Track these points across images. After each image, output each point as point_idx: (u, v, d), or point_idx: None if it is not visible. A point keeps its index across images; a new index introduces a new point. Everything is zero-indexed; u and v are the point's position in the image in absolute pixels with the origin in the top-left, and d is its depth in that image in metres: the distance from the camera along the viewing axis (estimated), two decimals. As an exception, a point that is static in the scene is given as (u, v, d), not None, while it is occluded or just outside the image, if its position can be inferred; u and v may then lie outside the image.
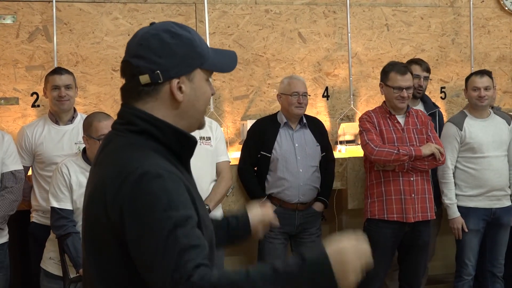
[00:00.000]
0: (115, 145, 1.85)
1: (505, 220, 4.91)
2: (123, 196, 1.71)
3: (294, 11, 5.70)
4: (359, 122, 4.72)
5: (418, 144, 4.53)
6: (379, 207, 4.54)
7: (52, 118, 4.43)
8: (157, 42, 1.82)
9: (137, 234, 1.70)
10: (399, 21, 5.98)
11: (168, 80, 1.81)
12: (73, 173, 3.91)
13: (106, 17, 5.26)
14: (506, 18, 6.27)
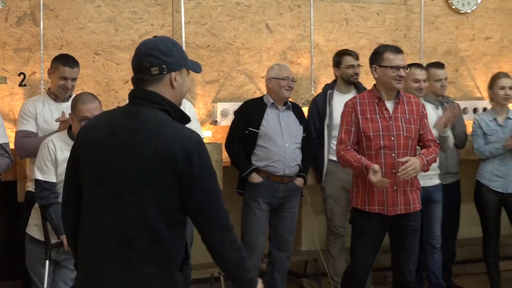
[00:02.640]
0: (154, 118, 2.39)
1: (437, 196, 5.05)
2: (191, 151, 2.30)
3: (262, 4, 5.75)
4: (343, 108, 4.32)
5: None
6: (362, 198, 4.15)
7: (51, 96, 4.53)
8: (164, 47, 2.44)
9: (210, 182, 2.36)
10: (357, 16, 6.06)
11: (169, 72, 2.42)
12: (58, 149, 3.94)
13: (90, 5, 5.26)
14: (453, 16, 6.39)
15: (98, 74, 5.31)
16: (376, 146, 4.09)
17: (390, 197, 4.08)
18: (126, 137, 2.36)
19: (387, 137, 4.09)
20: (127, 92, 5.40)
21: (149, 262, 2.32)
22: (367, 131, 4.11)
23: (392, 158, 4.06)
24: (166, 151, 2.29)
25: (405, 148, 4.11)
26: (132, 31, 5.38)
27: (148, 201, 2.30)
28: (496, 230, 5.30)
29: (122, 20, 5.35)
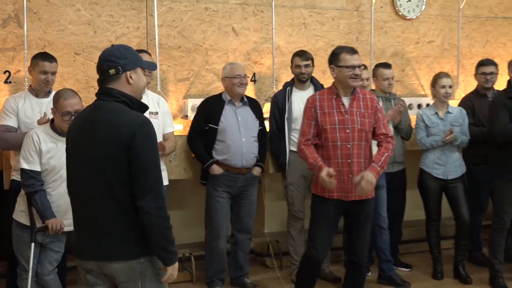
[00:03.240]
0: (110, 108, 2.73)
1: (381, 182, 5.04)
2: (137, 132, 2.63)
3: (229, 9, 5.76)
4: (305, 104, 4.31)
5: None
6: (322, 186, 4.09)
7: (33, 92, 4.44)
8: (118, 52, 2.80)
9: (146, 155, 2.66)
10: (314, 21, 6.10)
11: (124, 72, 2.77)
12: (42, 141, 3.91)
13: (70, 9, 5.21)
14: (400, 21, 6.46)
15: (78, 72, 5.27)
16: (333, 138, 4.10)
17: (347, 184, 4.09)
18: (89, 127, 2.75)
19: (343, 129, 4.09)
20: (105, 89, 5.40)
21: (120, 224, 2.69)
22: (324, 124, 4.11)
23: (348, 149, 4.07)
24: (116, 133, 2.66)
25: (359, 140, 4.11)
26: (109, 33, 5.34)
27: (109, 174, 2.67)
28: (438, 213, 5.37)
29: (100, 23, 5.31)
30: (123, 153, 2.63)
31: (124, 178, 2.65)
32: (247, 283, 5.15)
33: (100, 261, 2.72)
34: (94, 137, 2.70)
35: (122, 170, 2.64)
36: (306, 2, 6.04)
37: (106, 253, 2.70)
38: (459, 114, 5.29)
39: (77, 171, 2.79)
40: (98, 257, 2.72)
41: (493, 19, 6.88)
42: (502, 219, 5.05)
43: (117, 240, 2.68)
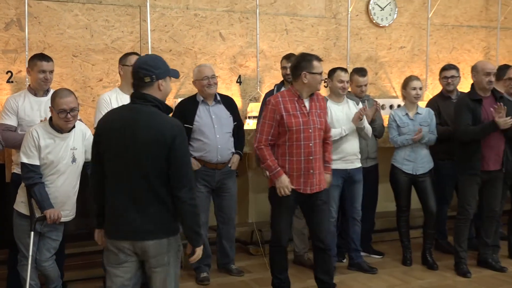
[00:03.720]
0: (148, 112, 2.99)
1: (358, 177, 5.08)
2: (178, 136, 2.95)
3: (216, 16, 5.74)
4: (266, 103, 4.29)
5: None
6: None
7: (32, 92, 4.37)
8: (152, 62, 3.04)
9: (185, 155, 3.01)
10: (295, 27, 6.10)
11: (157, 80, 3.00)
12: (41, 137, 3.88)
13: (69, 14, 5.17)
14: (374, 28, 6.49)
15: (76, 73, 5.24)
16: (298, 138, 4.12)
17: (307, 179, 4.16)
18: (132, 126, 2.97)
19: (307, 130, 4.13)
20: (101, 89, 5.44)
21: (153, 209, 2.97)
22: (291, 126, 4.11)
23: (310, 147, 4.13)
24: (157, 133, 2.93)
25: (319, 138, 4.21)
26: (105, 36, 5.31)
27: (148, 168, 2.94)
28: (407, 205, 5.40)
29: (97, 27, 5.27)
30: (164, 152, 2.92)
31: (160, 172, 2.95)
32: (233, 269, 5.15)
33: (135, 240, 2.98)
34: (138, 136, 2.94)
35: (160, 166, 2.94)
36: (287, 10, 6.05)
37: (141, 233, 2.97)
38: (427, 114, 5.32)
39: (119, 163, 2.99)
40: (134, 237, 2.98)
41: (459, 27, 6.93)
42: (466, 210, 5.10)
43: (152, 222, 2.97)
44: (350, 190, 5.08)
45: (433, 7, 6.68)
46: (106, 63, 5.31)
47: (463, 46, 6.96)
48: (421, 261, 5.41)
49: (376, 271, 5.16)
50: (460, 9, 6.93)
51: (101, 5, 5.28)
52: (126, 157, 2.96)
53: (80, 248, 5.12)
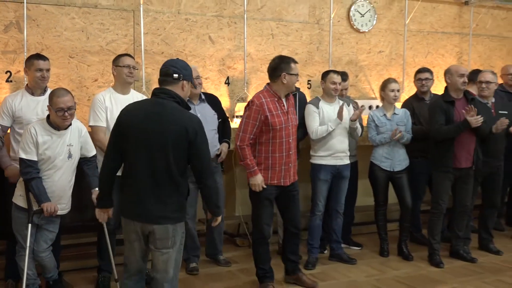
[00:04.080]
0: (172, 106, 3.16)
1: (345, 173, 5.11)
2: (198, 130, 3.15)
3: (206, 20, 5.71)
4: (250, 104, 4.28)
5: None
6: (265, 174, 4.24)
7: (29, 91, 4.32)
8: (182, 63, 3.28)
9: (205, 148, 3.22)
10: (281, 32, 6.09)
11: (183, 80, 3.22)
12: (39, 134, 3.86)
13: (66, 17, 5.11)
14: (354, 34, 6.50)
15: (72, 73, 5.19)
16: (280, 136, 4.23)
17: (287, 172, 4.31)
18: (156, 119, 3.13)
19: (287, 128, 4.27)
20: (96, 89, 5.40)
21: (170, 195, 3.15)
22: (275, 125, 4.20)
23: (290, 143, 4.29)
24: (181, 127, 3.10)
25: (294, 134, 4.38)
26: (100, 39, 5.26)
27: (170, 157, 3.10)
28: (385, 200, 5.43)
29: (92, 30, 5.23)
30: (185, 145, 3.11)
31: (180, 163, 3.14)
32: (221, 259, 5.14)
33: (147, 223, 3.17)
34: (162, 128, 3.10)
35: (180, 157, 3.13)
36: (273, 15, 6.04)
37: (153, 217, 3.15)
38: (403, 115, 5.35)
39: (142, 153, 3.14)
40: (147, 219, 3.17)
41: (434, 34, 6.97)
42: (439, 205, 5.14)
43: (165, 208, 3.15)
44: (337, 185, 5.10)
45: (410, 14, 6.71)
46: (101, 64, 5.27)
47: (437, 51, 7.00)
48: (397, 252, 5.45)
49: (355, 262, 5.18)
50: (435, 17, 6.97)
51: (97, 9, 5.24)
52: (150, 147, 3.12)
53: (75, 239, 5.09)
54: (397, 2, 6.70)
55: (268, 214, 4.36)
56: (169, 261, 3.23)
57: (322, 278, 4.79)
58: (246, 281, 4.73)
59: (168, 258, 3.22)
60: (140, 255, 3.31)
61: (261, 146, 4.26)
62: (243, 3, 5.82)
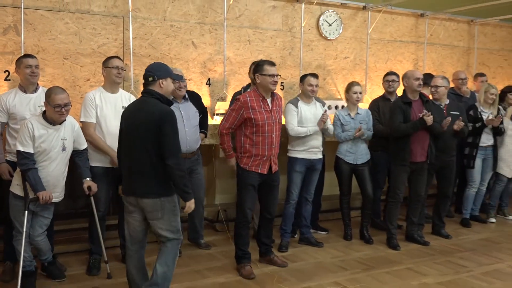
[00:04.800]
0: (152, 102, 3.43)
1: (318, 166, 5.11)
2: (164, 118, 3.33)
3: (189, 27, 5.65)
4: (236, 100, 4.34)
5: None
6: (247, 162, 4.29)
7: (21, 89, 4.20)
8: (156, 66, 3.53)
9: (170, 132, 3.34)
10: (257, 38, 6.06)
11: (158, 80, 3.46)
12: (35, 128, 3.78)
13: (60, 21, 5.00)
14: (323, 41, 6.49)
15: (66, 73, 5.08)
16: (263, 130, 4.26)
17: (267, 162, 4.32)
18: (140, 112, 3.43)
19: (270, 124, 4.28)
20: (88, 88, 5.30)
21: (151, 174, 3.39)
22: (257, 120, 4.23)
23: (272, 138, 4.31)
24: (154, 115, 3.35)
25: (278, 130, 4.38)
26: (92, 42, 5.16)
27: (148, 141, 3.36)
28: (348, 190, 5.44)
29: (85, 34, 5.12)
30: (157, 129, 3.31)
31: (155, 145, 3.34)
32: (202, 243, 5.10)
33: (137, 197, 3.44)
34: (141, 118, 3.39)
35: (154, 140, 3.34)
36: (250, 23, 6.00)
37: (140, 192, 3.42)
38: (366, 114, 5.36)
39: (130, 138, 3.45)
40: (136, 194, 3.44)
41: (393, 42, 7.01)
42: (397, 194, 5.17)
43: (147, 184, 3.39)
44: (309, 176, 5.10)
45: (372, 25, 6.74)
46: (93, 65, 5.17)
47: (396, 58, 7.04)
48: (359, 236, 5.47)
49: (322, 245, 5.18)
50: (394, 27, 7.00)
51: (89, 15, 5.13)
52: (133, 134, 3.42)
53: (69, 225, 5.02)
54: (361, 13, 6.72)
55: (251, 199, 4.36)
56: (163, 227, 3.48)
57: (293, 259, 4.79)
58: (225, 262, 4.70)
59: (162, 225, 3.47)
60: (139, 225, 3.55)
61: (247, 138, 4.29)
62: (223, 12, 5.77)
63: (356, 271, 4.52)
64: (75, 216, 5.03)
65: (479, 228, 5.99)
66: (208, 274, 4.35)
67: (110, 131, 4.30)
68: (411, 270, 4.55)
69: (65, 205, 4.46)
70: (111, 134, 4.28)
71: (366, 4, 6.67)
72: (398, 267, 4.63)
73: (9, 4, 4.79)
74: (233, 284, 4.18)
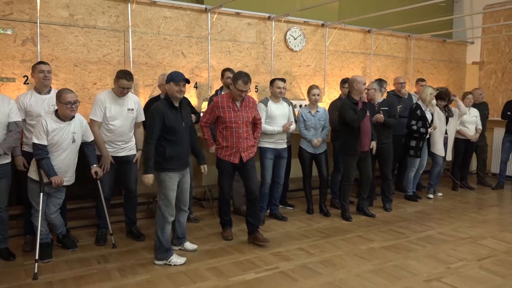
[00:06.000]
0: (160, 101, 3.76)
1: (284, 154, 5.07)
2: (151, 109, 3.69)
3: (180, 40, 5.55)
4: (212, 101, 4.28)
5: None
6: (220, 152, 4.25)
7: (37, 90, 4.07)
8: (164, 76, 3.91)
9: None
10: (236, 50, 5.99)
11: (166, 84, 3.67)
12: (49, 124, 3.69)
13: (71, 35, 4.86)
14: (289, 52, 6.46)
15: (76, 78, 4.94)
16: (231, 127, 4.18)
17: (237, 154, 4.23)
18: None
19: (237, 121, 4.19)
20: (95, 90, 5.18)
21: (153, 153, 3.64)
22: (225, 118, 4.18)
23: (240, 133, 4.19)
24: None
25: (246, 127, 4.23)
26: (98, 52, 5.03)
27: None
28: (309, 173, 5.41)
29: (92, 45, 4.99)
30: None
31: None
32: (191, 217, 5.04)
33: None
34: None
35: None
36: (230, 37, 5.92)
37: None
38: (323, 113, 5.34)
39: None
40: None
41: (346, 53, 7.01)
42: (349, 178, 5.18)
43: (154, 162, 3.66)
44: (277, 163, 5.05)
45: (329, 39, 6.72)
46: (99, 71, 5.04)
47: (348, 66, 7.05)
48: (319, 210, 5.48)
49: (286, 219, 5.15)
50: (347, 41, 7.01)
51: (95, 29, 5.00)
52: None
53: (79, 204, 4.90)
54: (320, 30, 6.69)
55: (227, 180, 4.35)
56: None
57: (265, 230, 4.76)
58: (210, 232, 4.66)
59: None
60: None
61: (220, 132, 4.26)
62: (208, 27, 5.68)
63: (316, 238, 4.53)
64: (85, 196, 4.92)
65: (414, 203, 6.06)
66: (196, 242, 4.30)
67: (115, 129, 4.20)
68: (360, 237, 4.58)
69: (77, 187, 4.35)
70: (115, 132, 4.19)
71: (324, 22, 6.65)
72: (350, 235, 4.65)
73: (27, 20, 4.63)
74: (216, 251, 4.14)
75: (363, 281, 3.47)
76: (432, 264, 3.84)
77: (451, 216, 5.39)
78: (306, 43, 6.55)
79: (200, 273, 3.60)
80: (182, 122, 3.77)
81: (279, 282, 3.44)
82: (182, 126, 3.76)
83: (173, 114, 3.70)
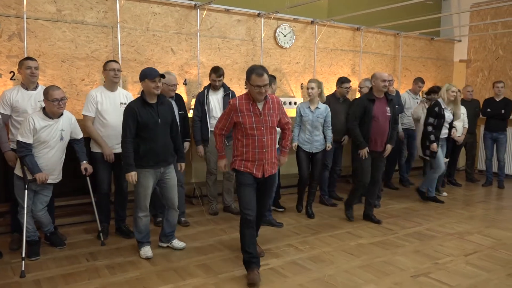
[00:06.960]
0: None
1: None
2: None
3: (169, 36, 5.50)
4: (229, 103, 3.52)
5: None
6: (239, 164, 3.48)
7: (24, 86, 4.00)
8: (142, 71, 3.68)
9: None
10: (225, 46, 5.96)
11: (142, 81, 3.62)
12: (36, 121, 3.63)
13: (58, 30, 4.79)
14: (279, 49, 6.45)
15: (64, 74, 4.88)
16: (252, 134, 3.44)
17: (259, 166, 3.50)
18: None
19: (259, 127, 3.45)
20: (83, 87, 5.11)
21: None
22: (245, 124, 3.43)
23: (263, 141, 3.46)
24: None
25: (270, 134, 3.51)
26: (86, 48, 4.97)
27: None
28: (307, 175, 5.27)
29: (80, 41, 4.92)
30: None
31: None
32: (182, 221, 4.79)
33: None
34: None
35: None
36: (220, 34, 5.89)
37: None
38: (324, 110, 5.10)
39: None
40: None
41: (335, 50, 7.02)
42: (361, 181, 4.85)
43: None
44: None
45: (318, 36, 6.73)
46: (87, 67, 4.98)
47: (338, 63, 7.07)
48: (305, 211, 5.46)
49: (282, 225, 4.81)
50: (336, 38, 7.02)
51: (83, 25, 4.93)
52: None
53: (67, 201, 4.84)
54: (310, 27, 6.69)
55: (247, 197, 3.46)
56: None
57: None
58: (199, 230, 4.64)
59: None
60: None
61: (238, 141, 3.52)
62: (197, 24, 5.64)
63: (305, 235, 4.53)
64: (72, 194, 4.87)
65: (402, 199, 6.09)
66: (185, 240, 4.29)
67: (108, 123, 4.16)
68: (349, 234, 4.59)
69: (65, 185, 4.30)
70: (109, 126, 4.15)
71: (313, 19, 6.65)
72: (339, 231, 4.66)
73: (13, 15, 4.55)
74: (205, 248, 4.12)
75: (352, 277, 3.48)
76: (420, 260, 3.87)
77: (438, 212, 5.44)
78: (295, 40, 6.55)
79: (189, 270, 3.58)
80: (159, 118, 3.63)
81: (269, 278, 3.44)
82: (158, 123, 3.62)
83: (146, 111, 3.60)
